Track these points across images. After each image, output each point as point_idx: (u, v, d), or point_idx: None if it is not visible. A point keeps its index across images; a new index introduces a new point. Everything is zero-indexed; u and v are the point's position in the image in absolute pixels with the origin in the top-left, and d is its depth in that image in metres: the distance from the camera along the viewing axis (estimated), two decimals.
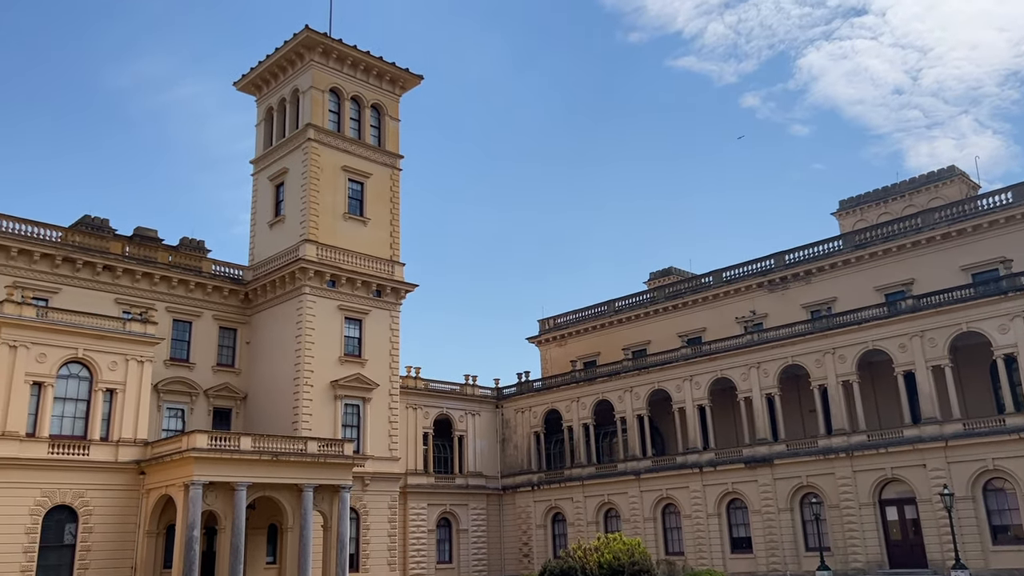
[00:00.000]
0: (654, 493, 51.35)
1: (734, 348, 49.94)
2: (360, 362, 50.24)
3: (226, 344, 50.61)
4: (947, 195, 58.06)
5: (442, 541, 54.96)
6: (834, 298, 51.82)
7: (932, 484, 40.75)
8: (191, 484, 36.95)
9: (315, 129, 51.35)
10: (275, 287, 50.17)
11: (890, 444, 42.85)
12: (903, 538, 42.32)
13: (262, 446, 39.83)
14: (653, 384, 53.00)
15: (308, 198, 50.23)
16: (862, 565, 42.40)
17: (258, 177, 55.32)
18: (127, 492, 39.63)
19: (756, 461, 47.36)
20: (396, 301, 52.93)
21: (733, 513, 48.49)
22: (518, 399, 60.37)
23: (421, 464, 54.78)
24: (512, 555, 57.46)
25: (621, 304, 63.63)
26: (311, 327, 48.27)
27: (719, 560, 46.99)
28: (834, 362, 45.56)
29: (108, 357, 40.11)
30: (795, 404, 49.09)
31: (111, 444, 39.64)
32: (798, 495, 45.76)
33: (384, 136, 55.49)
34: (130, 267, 46.46)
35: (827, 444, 45.12)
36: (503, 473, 59.52)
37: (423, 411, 55.75)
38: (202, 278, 49.63)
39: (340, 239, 51.08)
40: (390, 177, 55.05)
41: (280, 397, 48.12)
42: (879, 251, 50.67)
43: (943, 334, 42.06)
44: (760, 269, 56.12)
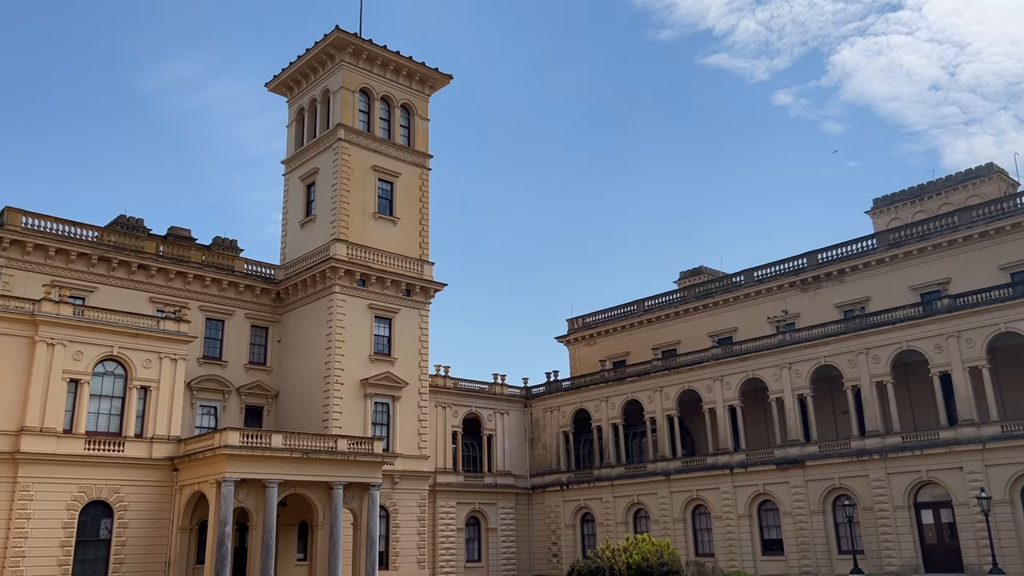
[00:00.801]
0: (684, 494, 51.00)
1: (766, 348, 49.42)
2: (390, 361, 50.50)
3: (258, 342, 51.16)
4: (985, 193, 56.96)
5: (471, 540, 55.08)
6: (868, 298, 51.07)
7: (969, 487, 40.00)
8: (223, 481, 37.39)
9: (345, 129, 51.70)
10: (306, 286, 50.61)
11: (925, 446, 42.14)
12: (939, 542, 41.61)
13: (293, 444, 40.20)
14: (683, 384, 52.64)
15: (339, 198, 50.59)
16: (896, 569, 41.75)
17: (289, 177, 55.84)
18: (161, 488, 40.20)
19: (788, 462, 46.83)
20: (425, 300, 53.12)
21: (764, 515, 48.01)
22: (547, 398, 60.30)
23: (450, 463, 54.94)
24: (541, 554, 57.41)
25: (651, 303, 63.27)
26: (341, 326, 48.61)
27: (749, 562, 46.55)
28: (868, 363, 44.90)
29: (142, 355, 40.71)
30: (828, 405, 48.45)
31: (145, 441, 40.24)
32: (830, 497, 45.18)
33: (414, 136, 55.72)
34: (164, 266, 47.15)
35: (860, 446, 44.49)
36: (532, 472, 59.49)
37: (452, 410, 55.90)
38: (235, 277, 50.21)
39: (370, 238, 51.40)
40: (419, 176, 55.26)
41: (311, 395, 48.54)
42: (914, 250, 49.84)
43: (981, 334, 41.26)
44: (792, 268, 55.47)
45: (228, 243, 53.29)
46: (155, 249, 47.48)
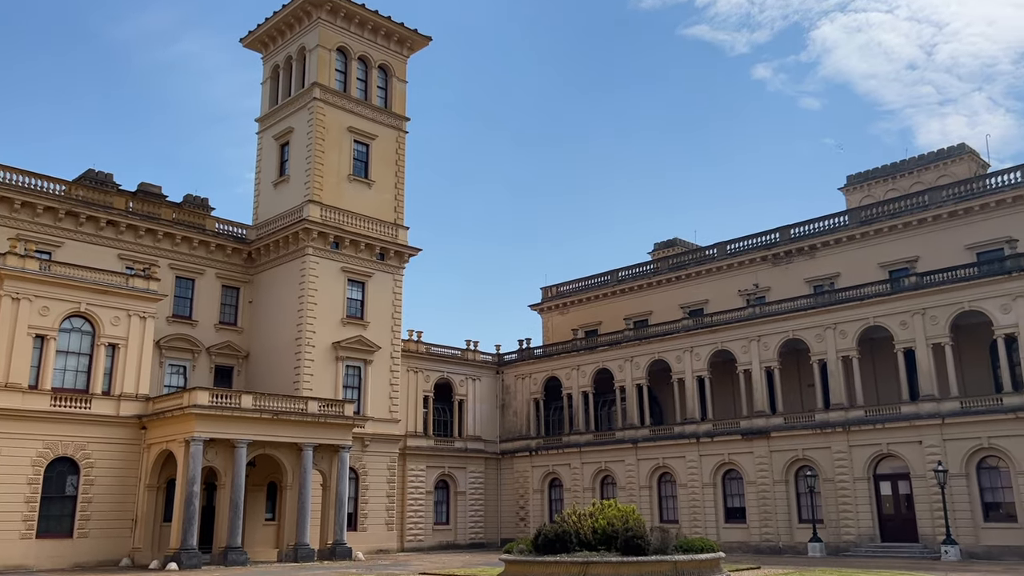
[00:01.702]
0: (651, 462, 51.77)
1: (735, 321, 49.98)
2: (362, 324, 50.41)
3: (228, 303, 50.79)
4: (956, 173, 57.64)
5: (440, 502, 55.57)
6: (837, 273, 51.73)
7: (927, 460, 41.01)
8: (192, 440, 37.33)
9: (321, 88, 50.99)
10: (278, 247, 50.19)
11: (887, 420, 43.04)
12: (895, 513, 42.69)
13: (263, 404, 40.18)
14: (653, 354, 53.16)
15: (313, 158, 50.05)
16: (854, 538, 42.84)
17: (263, 136, 55.07)
18: (128, 446, 40.06)
19: (753, 433, 47.64)
20: (399, 265, 52.96)
21: (728, 484, 48.90)
22: (519, 365, 60.63)
23: (421, 427, 55.20)
24: (509, 518, 58.11)
25: (624, 274, 63.60)
26: (314, 288, 48.39)
27: (712, 529, 47.50)
28: (835, 337, 45.61)
29: (110, 312, 40.28)
30: (794, 378, 49.23)
31: (113, 398, 39.98)
32: (793, 467, 46.09)
33: (391, 98, 55.13)
34: (134, 223, 46.49)
35: (824, 418, 45.34)
36: (502, 438, 59.98)
37: (424, 375, 56.04)
38: (205, 236, 49.67)
39: (344, 201, 51.00)
40: (396, 139, 54.77)
41: (282, 357, 48.39)
42: (884, 227, 50.46)
43: (945, 312, 42.02)
44: (765, 243, 55.95)
45: (199, 201, 52.56)
46: (124, 205, 46.76)
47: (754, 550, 45.60)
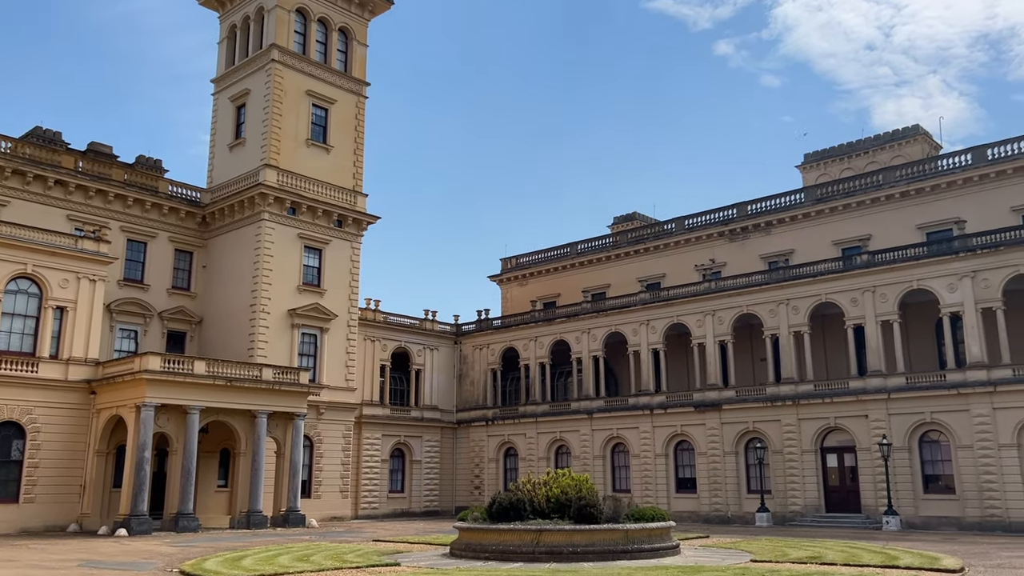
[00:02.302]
0: (605, 432, 52.41)
1: (691, 295, 50.55)
2: (319, 292, 49.93)
3: (182, 267, 49.87)
4: (910, 154, 58.68)
5: (395, 471, 55.68)
6: (792, 250, 52.59)
7: (872, 434, 42.16)
8: (143, 406, 36.77)
9: (279, 50, 49.91)
10: (233, 211, 49.31)
11: (835, 394, 44.07)
12: (840, 484, 43.90)
13: (216, 371, 39.69)
14: (610, 327, 53.59)
15: (270, 121, 49.11)
16: (800, 508, 44.00)
17: (219, 97, 53.80)
18: (77, 411, 39.32)
19: (705, 405, 48.45)
20: (357, 232, 52.43)
21: (680, 454, 49.77)
22: (477, 336, 60.70)
23: (377, 395, 55.06)
24: (464, 487, 58.49)
25: (584, 247, 63.84)
26: (269, 254, 47.72)
27: (664, 499, 48.39)
28: (787, 313, 46.42)
29: (59, 274, 39.30)
30: (747, 352, 50.10)
31: (61, 362, 39.13)
32: (743, 439, 47.05)
33: (351, 62, 54.20)
34: (83, 183, 45.23)
35: (775, 392, 46.27)
36: (459, 407, 60.15)
37: (381, 344, 55.80)
38: (158, 198, 48.57)
39: (302, 166, 50.22)
40: (356, 104, 53.95)
41: (236, 323, 47.75)
42: (839, 206, 51.33)
43: (894, 290, 42.99)
44: (722, 218, 56.56)
45: (152, 163, 51.27)
46: (74, 165, 45.44)
47: (703, 520, 46.60)
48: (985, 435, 38.94)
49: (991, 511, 38.24)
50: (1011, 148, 46.19)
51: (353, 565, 21.88)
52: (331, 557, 24.15)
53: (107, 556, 26.12)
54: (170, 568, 22.44)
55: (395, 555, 25.09)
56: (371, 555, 24.90)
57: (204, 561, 23.21)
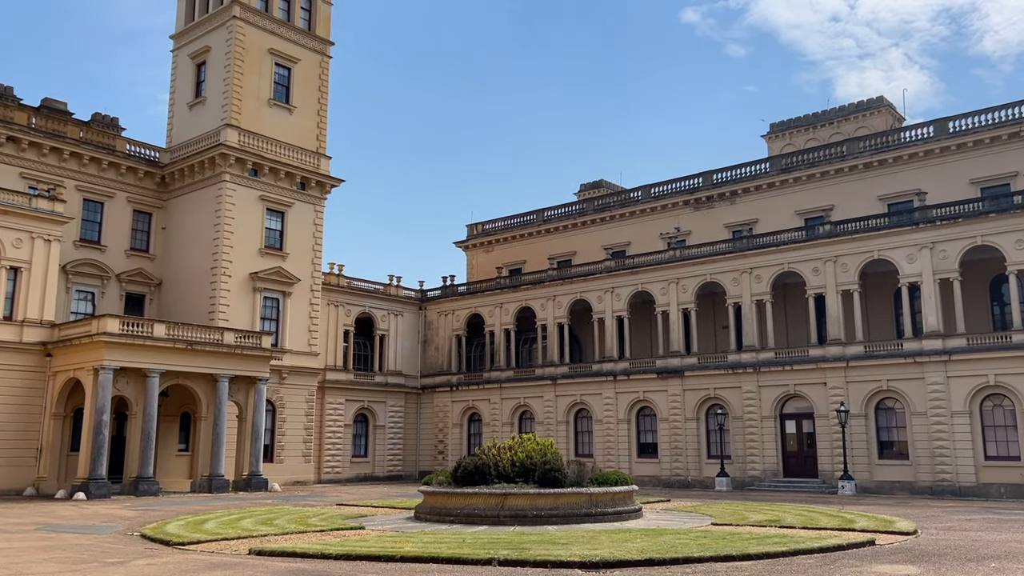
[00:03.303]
0: (569, 398, 52.79)
1: (656, 263, 50.80)
2: (281, 255, 49.26)
3: (140, 228, 48.80)
4: (874, 125, 59.27)
5: (358, 436, 55.59)
6: (756, 219, 53.02)
7: (830, 401, 42.99)
8: (101, 369, 36.11)
9: (241, 6, 48.59)
10: (193, 172, 48.26)
11: (795, 362, 44.80)
12: (798, 450, 44.82)
13: (176, 334, 39.08)
14: (575, 294, 53.73)
15: (231, 80, 47.93)
16: (759, 473, 44.87)
17: (178, 54, 52.34)
18: (32, 373, 38.51)
19: (668, 372, 48.96)
20: (321, 195, 51.69)
21: (642, 420, 50.37)
22: (442, 302, 60.50)
23: (341, 360, 54.74)
24: (428, 452, 58.65)
25: (550, 214, 63.71)
26: (231, 216, 46.87)
27: (626, 463, 49.01)
28: (750, 282, 46.90)
29: (12, 234, 38.22)
30: (710, 320, 50.63)
31: (15, 324, 38.20)
32: (704, 406, 47.71)
33: (315, 20, 53.00)
34: (37, 140, 43.86)
35: (736, 359, 46.88)
36: (423, 373, 60.08)
37: (345, 308, 55.36)
38: (116, 157, 47.32)
39: (264, 126, 49.21)
40: (319, 64, 52.88)
41: (197, 286, 46.97)
42: (803, 176, 51.77)
43: (855, 260, 43.60)
44: (688, 187, 56.75)
45: (109, 120, 49.85)
46: (27, 121, 44.01)
47: (664, 484, 47.33)
48: (939, 403, 39.92)
49: (942, 476, 39.35)
50: (972, 121, 46.84)
51: (317, 528, 21.82)
52: (295, 521, 24.05)
53: (66, 520, 25.74)
54: (131, 531, 22.17)
55: (359, 519, 25.07)
56: (335, 519, 24.86)
57: (166, 524, 22.98)
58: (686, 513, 27.12)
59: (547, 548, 16.90)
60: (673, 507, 30.14)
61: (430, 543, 18.00)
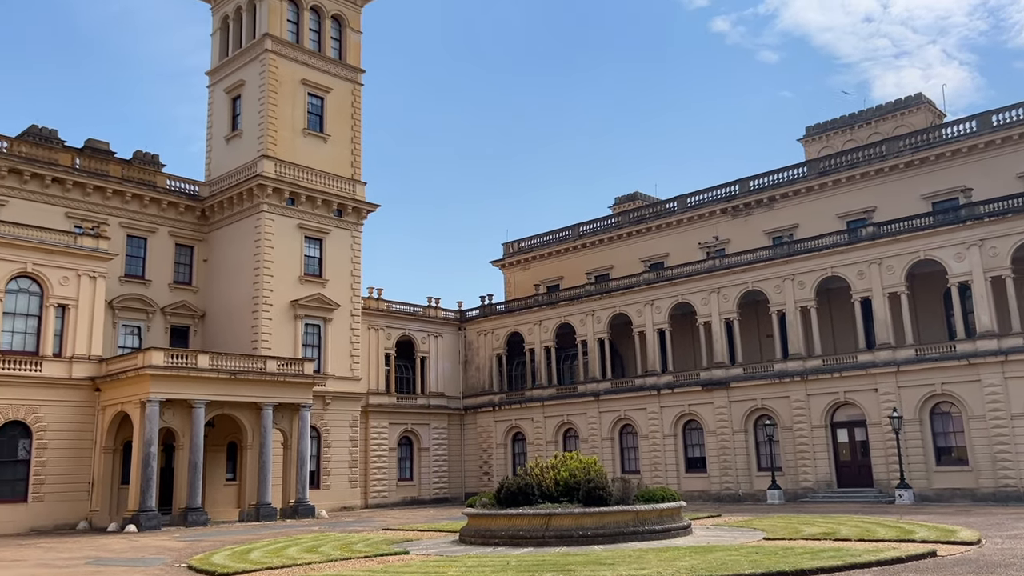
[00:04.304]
0: (612, 414, 52.18)
1: (695, 273, 50.14)
2: (320, 282, 49.66)
3: (183, 261, 49.62)
4: (913, 123, 58.00)
5: (403, 459, 55.58)
6: (796, 225, 52.09)
7: (882, 407, 41.82)
8: (148, 401, 36.61)
9: (273, 40, 49.42)
10: (232, 204, 49.00)
11: (844, 369, 43.71)
12: (852, 459, 43.63)
13: (220, 364, 39.49)
14: (615, 308, 53.25)
15: (266, 112, 48.68)
16: (811, 484, 43.75)
17: (214, 89, 53.36)
18: (82, 408, 39.20)
19: (713, 384, 48.15)
20: (357, 221, 52.09)
21: (688, 434, 49.53)
22: (481, 321, 60.43)
23: (383, 384, 54.89)
24: (473, 473, 58.40)
25: (585, 228, 63.41)
26: (270, 246, 47.43)
27: (673, 479, 48.18)
28: (793, 288, 46.00)
29: (59, 272, 39.07)
30: (753, 329, 49.73)
31: (64, 360, 38.96)
32: (752, 417, 46.76)
33: (345, 49, 53.68)
34: (81, 180, 44.95)
35: (783, 368, 45.93)
36: (465, 394, 59.97)
37: (385, 332, 55.57)
38: (157, 193, 48.27)
39: (299, 156, 49.83)
40: (351, 92, 53.48)
41: (239, 316, 47.53)
42: (842, 178, 50.78)
43: (901, 262, 42.53)
44: (724, 195, 56.05)
45: (150, 158, 50.95)
46: (71, 162, 45.14)
47: (714, 499, 46.41)
48: (997, 405, 38.57)
49: (1005, 481, 37.93)
50: (1016, 114, 45.57)
51: (362, 555, 21.69)
52: (340, 547, 23.97)
53: (115, 552, 25.99)
54: (178, 563, 22.27)
55: (405, 543, 24.90)
56: (380, 544, 24.72)
57: (212, 555, 23.05)
58: (737, 528, 26.45)
59: (593, 569, 16.53)
60: (723, 522, 29.45)
61: (474, 567, 17.75)
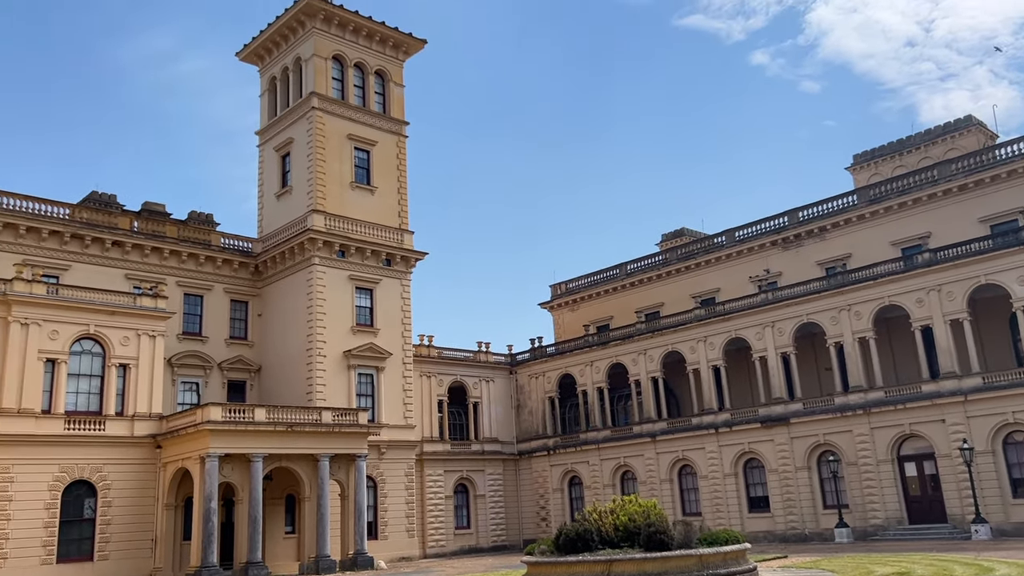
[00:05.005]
0: (670, 455, 51.27)
1: (748, 308, 49.42)
2: (372, 331, 50.15)
3: (238, 317, 50.63)
4: (964, 146, 56.88)
5: (460, 507, 55.23)
6: (849, 254, 51.11)
7: (951, 439, 40.36)
8: (207, 457, 37.12)
9: (319, 97, 50.77)
10: (284, 258, 50.00)
11: (908, 400, 42.41)
12: (922, 494, 42.07)
13: (277, 417, 39.94)
14: (667, 346, 52.66)
15: (314, 167, 49.83)
16: (881, 521, 42.23)
17: (264, 148, 54.90)
18: (144, 466, 39.90)
19: (772, 420, 47.07)
20: (406, 269, 52.67)
21: (750, 473, 48.36)
22: (532, 365, 60.24)
23: (436, 431, 54.88)
24: (530, 519, 57.73)
25: (633, 267, 63.12)
26: (322, 297, 48.14)
27: (736, 520, 46.96)
28: (850, 319, 45.00)
29: (120, 332, 40.15)
30: (811, 362, 48.64)
31: (126, 419, 39.83)
32: (815, 453, 45.50)
33: (389, 103, 54.85)
34: (139, 242, 46.38)
35: (844, 401, 44.73)
36: (519, 438, 59.60)
37: (437, 379, 55.72)
38: (211, 251, 49.52)
39: (348, 208, 50.76)
40: (396, 144, 54.49)
41: (293, 368, 48.17)
42: (895, 205, 49.81)
43: (961, 287, 41.36)
44: (773, 227, 55.37)
45: (204, 217, 52.46)
46: (129, 225, 46.67)
47: (780, 539, 45.03)
48: None
49: None
50: None
51: None
52: None
53: None
54: None
55: None
56: None
57: None
58: (805, 569, 25.59)
59: None
60: (791, 563, 28.54)
61: None
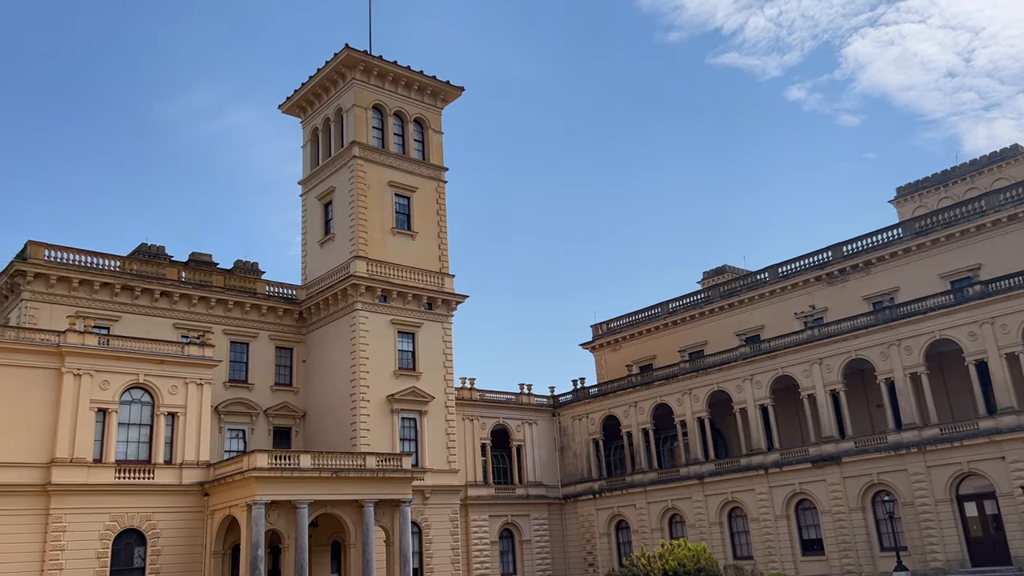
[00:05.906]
0: (719, 497, 50.20)
1: (795, 344, 48.60)
2: (415, 375, 50.28)
3: (283, 363, 51.17)
4: (1011, 175, 55.82)
5: (505, 552, 54.57)
6: (896, 288, 50.13)
7: (1013, 477, 38.94)
8: (254, 504, 37.28)
9: (360, 146, 51.75)
10: (328, 305, 50.61)
11: (965, 437, 41.11)
12: (984, 534, 40.52)
13: (321, 463, 40.02)
14: (712, 385, 51.90)
15: (356, 215, 50.60)
16: (942, 564, 40.70)
17: (307, 197, 55.98)
18: (192, 514, 40.18)
19: (823, 460, 45.93)
20: (448, 313, 52.91)
21: (802, 514, 47.10)
22: (575, 406, 59.75)
23: (480, 475, 54.52)
24: (577, 564, 56.75)
25: (675, 305, 62.60)
26: (365, 343, 48.51)
27: (790, 563, 45.64)
28: (900, 354, 43.98)
29: (168, 381, 40.80)
30: (861, 399, 47.52)
31: (175, 467, 40.28)
32: (869, 493, 44.21)
33: (428, 149, 55.67)
34: (186, 292, 47.35)
35: (897, 440, 43.53)
36: (563, 482, 58.91)
37: (480, 422, 55.54)
38: (257, 299, 50.32)
39: (389, 254, 51.33)
40: (436, 190, 55.16)
41: (338, 413, 48.42)
42: (942, 237, 48.87)
43: (1016, 320, 40.25)
44: (817, 262, 54.62)
45: (249, 266, 53.46)
46: (177, 275, 47.72)
47: None
48: None
49: None
50: None
51: None
52: None
53: None
54: None
55: None
56: None
57: None
58: None
59: None
60: None
61: None
